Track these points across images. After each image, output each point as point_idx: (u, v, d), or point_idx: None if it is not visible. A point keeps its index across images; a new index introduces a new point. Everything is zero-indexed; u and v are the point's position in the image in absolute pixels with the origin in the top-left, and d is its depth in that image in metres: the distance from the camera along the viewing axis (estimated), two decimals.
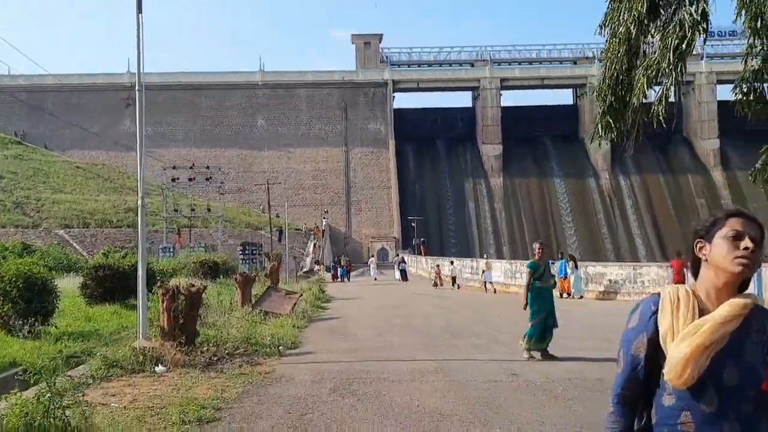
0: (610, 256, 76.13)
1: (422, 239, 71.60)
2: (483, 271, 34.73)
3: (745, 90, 6.41)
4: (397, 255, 63.12)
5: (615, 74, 7.09)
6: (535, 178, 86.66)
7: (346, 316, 19.83)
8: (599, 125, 7.38)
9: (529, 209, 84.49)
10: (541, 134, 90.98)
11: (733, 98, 6.65)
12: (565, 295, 28.86)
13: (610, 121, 7.19)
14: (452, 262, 41.30)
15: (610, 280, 28.10)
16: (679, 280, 23.25)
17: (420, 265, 57.72)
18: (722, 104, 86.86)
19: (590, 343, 13.38)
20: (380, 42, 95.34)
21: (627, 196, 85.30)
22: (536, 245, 12.22)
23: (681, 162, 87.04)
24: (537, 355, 11.30)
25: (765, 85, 6.36)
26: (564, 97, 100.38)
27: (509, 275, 33.87)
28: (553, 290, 12.14)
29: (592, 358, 11.30)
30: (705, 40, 6.68)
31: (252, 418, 7.50)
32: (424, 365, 10.61)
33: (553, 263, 29.31)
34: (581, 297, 28.66)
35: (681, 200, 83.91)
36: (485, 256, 40.16)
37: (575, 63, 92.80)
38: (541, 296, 11.68)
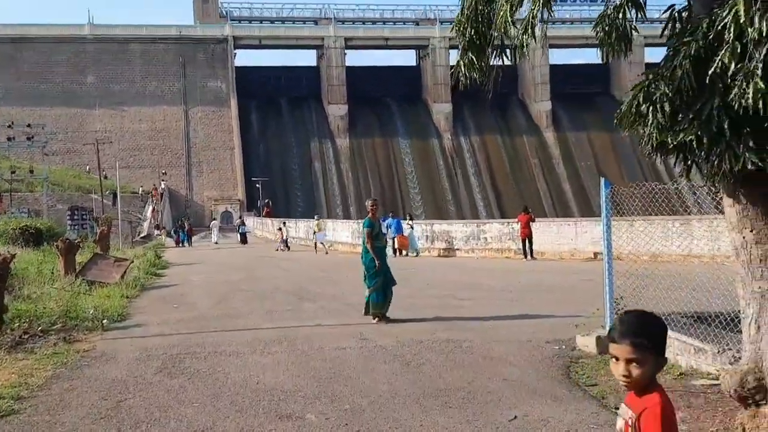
0: (452, 215, 78.26)
1: (267, 201, 70.07)
2: (314, 232, 34.46)
3: (606, 29, 5.93)
4: (240, 218, 61.39)
5: (474, 4, 6.43)
6: (380, 139, 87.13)
7: (185, 283, 18.51)
8: (461, 63, 6.69)
9: (375, 169, 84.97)
10: (385, 95, 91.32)
11: (596, 36, 6.14)
12: (404, 252, 28.93)
13: (473, 58, 6.51)
14: (284, 223, 40.44)
15: (454, 237, 28.43)
16: (527, 233, 23.86)
17: (266, 228, 56.40)
18: (554, 68, 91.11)
19: (437, 300, 13.08)
20: None
21: (468, 156, 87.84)
22: (369, 202, 11.61)
23: (517, 123, 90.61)
24: (377, 318, 10.77)
25: (628, 23, 5.89)
26: (408, 58, 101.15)
27: (357, 235, 33.57)
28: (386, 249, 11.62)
29: (441, 317, 10.94)
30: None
31: (59, 408, 6.35)
32: (267, 334, 9.76)
33: (384, 221, 29.37)
34: (417, 254, 28.77)
35: (517, 160, 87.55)
36: (316, 216, 39.62)
37: (418, 24, 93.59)
38: (378, 256, 11.09)
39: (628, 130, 5.01)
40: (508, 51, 6.60)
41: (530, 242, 23.85)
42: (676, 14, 5.06)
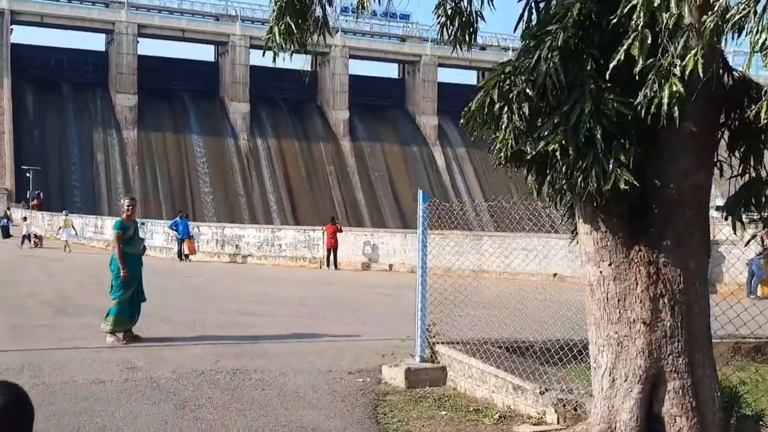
0: (245, 217, 76.07)
1: (37, 192, 63.48)
2: (60, 228, 31.95)
3: (449, 13, 4.95)
4: (8, 209, 54.99)
5: None
6: (171, 134, 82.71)
7: None
8: (275, 30, 5.37)
9: (164, 166, 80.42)
10: (180, 89, 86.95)
11: (435, 21, 5.15)
12: (191, 257, 26.92)
13: (291, 24, 5.23)
14: (25, 218, 36.86)
15: (247, 242, 26.91)
16: (333, 243, 23.10)
17: (36, 222, 50.87)
18: (353, 78, 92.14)
19: (225, 317, 11.65)
20: None
21: (264, 159, 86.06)
22: (125, 201, 9.88)
23: (315, 130, 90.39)
24: (120, 335, 9.13)
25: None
26: (205, 53, 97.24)
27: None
28: (143, 256, 9.91)
29: (229, 337, 9.56)
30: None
31: None
32: (6, 359, 7.80)
33: (142, 224, 27.16)
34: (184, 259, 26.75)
35: (314, 166, 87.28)
36: (65, 212, 36.49)
37: (218, 19, 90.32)
38: (130, 264, 9.46)
39: (476, 133, 4.04)
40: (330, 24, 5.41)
41: (335, 253, 23.18)
42: (533, 4, 4.20)
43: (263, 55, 5.61)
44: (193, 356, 8.17)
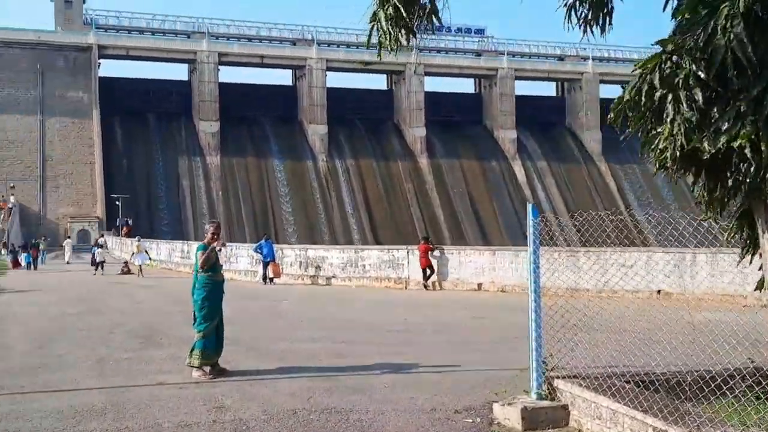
0: (326, 238, 76.43)
1: (126, 219, 65.34)
2: (133, 254, 32.74)
3: None
4: (101, 236, 56.67)
5: None
6: (253, 158, 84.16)
7: (7, 317, 15.45)
8: (380, 16, 4.69)
9: (247, 190, 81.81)
10: (259, 114, 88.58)
11: (560, 3, 4.36)
12: (274, 281, 26.63)
13: (400, 8, 4.55)
14: (99, 246, 37.23)
15: (330, 264, 26.48)
16: (426, 263, 22.42)
17: (125, 248, 52.18)
18: (429, 95, 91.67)
19: (313, 345, 11.06)
20: (84, 1, 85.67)
21: (343, 179, 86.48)
22: (210, 226, 9.36)
23: (392, 148, 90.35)
24: (207, 369, 8.61)
25: None
26: (283, 78, 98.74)
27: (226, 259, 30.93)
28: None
29: (319, 369, 8.93)
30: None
31: None
32: (88, 399, 7.37)
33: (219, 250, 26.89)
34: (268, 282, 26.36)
35: (392, 184, 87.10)
36: (138, 238, 37.03)
37: (294, 44, 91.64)
38: (213, 294, 8.99)
39: (630, 130, 3.23)
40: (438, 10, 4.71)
41: (430, 271, 22.46)
42: None
43: (367, 47, 4.93)
44: (284, 392, 7.56)
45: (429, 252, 22.67)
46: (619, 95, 3.42)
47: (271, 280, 26.54)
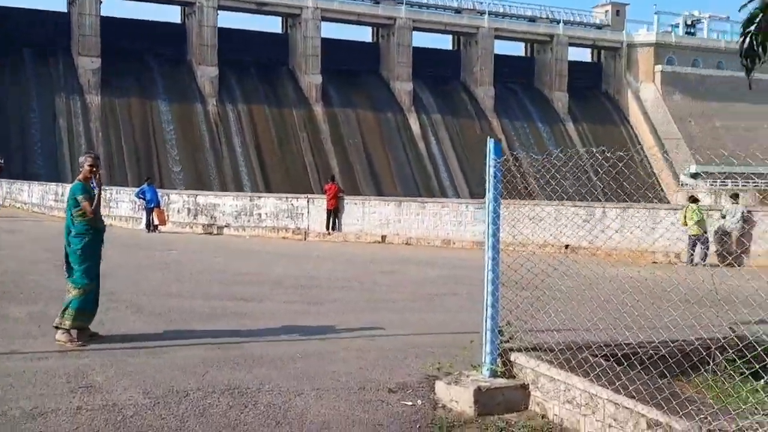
0: (215, 186, 73.48)
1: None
2: None
3: None
4: None
5: None
6: (137, 99, 79.31)
7: None
8: None
9: (130, 132, 77.20)
10: (145, 52, 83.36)
11: None
12: (160, 228, 24.59)
13: None
14: None
15: (223, 212, 24.71)
16: (335, 205, 21.04)
17: None
18: (326, 41, 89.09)
19: (208, 303, 9.58)
20: None
21: (234, 125, 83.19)
22: (86, 159, 7.66)
23: (287, 94, 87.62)
24: (74, 333, 7.05)
25: None
26: (171, 15, 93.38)
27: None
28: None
29: (215, 333, 7.52)
30: None
31: None
32: None
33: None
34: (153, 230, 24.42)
35: (285, 132, 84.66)
36: None
37: None
38: (95, 243, 7.37)
39: None
40: None
41: (336, 215, 21.10)
42: None
43: None
44: (173, 366, 6.11)
45: (338, 194, 21.41)
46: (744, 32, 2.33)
47: (156, 227, 24.54)
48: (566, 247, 18.19)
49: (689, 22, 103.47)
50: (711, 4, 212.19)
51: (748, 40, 3.18)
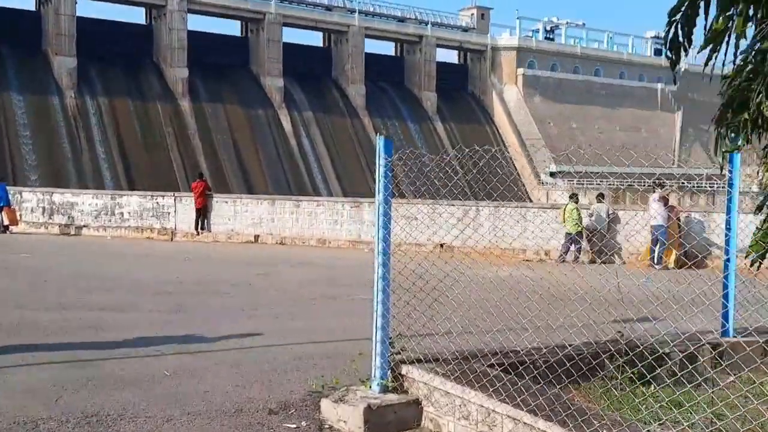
0: (74, 183, 69.40)
1: None
2: None
3: None
4: None
5: None
6: None
7: None
8: None
9: None
10: None
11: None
12: (11, 229, 22.72)
13: None
14: None
15: (81, 211, 23.09)
16: (203, 203, 19.99)
17: None
18: (193, 34, 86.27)
19: (60, 314, 8.69)
20: None
21: (94, 118, 78.96)
22: None
23: (151, 88, 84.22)
24: None
25: None
26: (26, 2, 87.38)
27: None
28: None
29: (72, 346, 6.74)
30: None
31: None
32: None
33: None
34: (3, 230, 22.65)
35: (150, 127, 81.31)
36: None
37: None
38: None
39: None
40: None
41: (205, 215, 20.10)
42: None
43: None
44: (20, 389, 5.34)
45: (206, 191, 20.47)
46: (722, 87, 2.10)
47: (6, 228, 22.60)
48: (441, 246, 18.24)
49: (548, 28, 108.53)
50: (568, 11, 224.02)
51: (672, 29, 3.01)
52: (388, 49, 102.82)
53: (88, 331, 7.62)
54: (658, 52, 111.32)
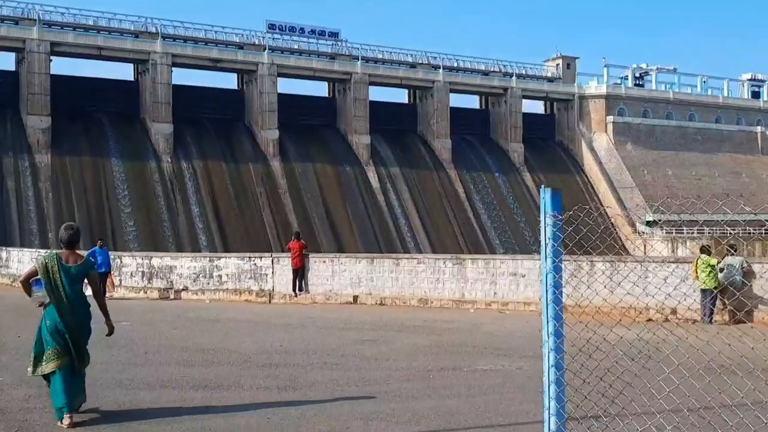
0: (171, 245, 71.29)
1: None
2: None
3: None
4: None
5: None
6: (89, 158, 77.23)
7: None
8: None
9: (81, 192, 74.84)
10: (97, 110, 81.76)
11: None
12: (113, 294, 22.89)
13: None
14: None
15: (180, 274, 23.08)
16: (300, 264, 19.57)
17: None
18: (282, 97, 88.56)
19: (165, 393, 8.11)
20: None
21: (189, 182, 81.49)
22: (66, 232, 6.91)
23: (243, 150, 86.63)
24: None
25: None
26: (124, 72, 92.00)
27: None
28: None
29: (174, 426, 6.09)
30: None
31: None
32: None
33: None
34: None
35: (243, 188, 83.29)
36: None
37: (137, 36, 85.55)
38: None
39: None
40: None
41: (303, 275, 19.65)
42: None
43: None
44: None
45: (303, 250, 19.99)
46: None
47: (107, 294, 22.73)
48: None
49: (638, 74, 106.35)
50: (657, 57, 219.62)
51: None
52: (472, 102, 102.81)
53: (196, 418, 6.96)
54: (755, 95, 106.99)
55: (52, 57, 78.33)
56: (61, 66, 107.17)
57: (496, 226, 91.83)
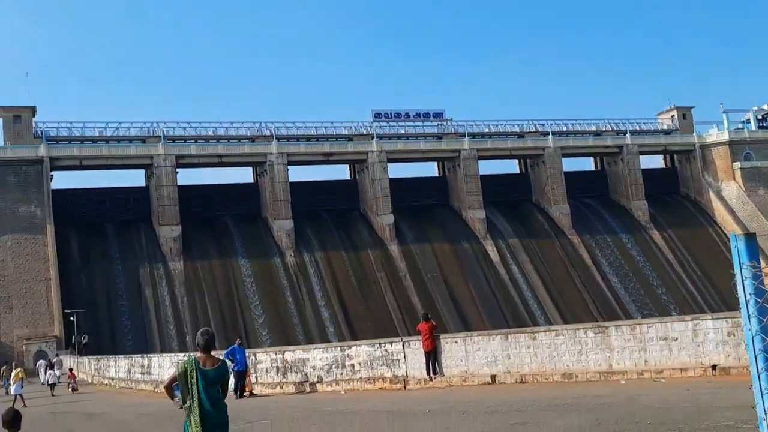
0: (299, 337, 72.40)
1: (83, 335, 60.72)
2: (9, 383, 28.08)
3: None
4: (57, 356, 52.09)
5: None
6: (217, 260, 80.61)
7: None
8: None
9: (213, 293, 77.84)
10: (222, 214, 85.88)
11: None
12: (247, 392, 22.98)
13: None
14: (52, 366, 33.71)
15: (313, 367, 22.98)
16: (432, 346, 19.11)
17: (83, 368, 47.78)
18: (393, 181, 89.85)
19: None
20: (34, 116, 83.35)
21: (313, 273, 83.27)
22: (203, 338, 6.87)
23: (361, 237, 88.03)
24: None
25: None
26: (244, 175, 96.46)
27: None
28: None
29: None
30: None
31: None
32: None
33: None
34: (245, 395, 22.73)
35: (364, 275, 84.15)
36: (14, 364, 32.86)
37: (253, 141, 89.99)
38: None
39: None
40: None
41: (435, 357, 19.10)
42: None
43: None
44: None
45: (434, 331, 19.44)
46: None
47: (243, 391, 22.85)
48: (713, 368, 15.60)
49: (760, 117, 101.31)
50: None
51: None
52: (586, 164, 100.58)
53: None
54: None
55: (177, 169, 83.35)
56: (187, 176, 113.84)
57: (629, 290, 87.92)
